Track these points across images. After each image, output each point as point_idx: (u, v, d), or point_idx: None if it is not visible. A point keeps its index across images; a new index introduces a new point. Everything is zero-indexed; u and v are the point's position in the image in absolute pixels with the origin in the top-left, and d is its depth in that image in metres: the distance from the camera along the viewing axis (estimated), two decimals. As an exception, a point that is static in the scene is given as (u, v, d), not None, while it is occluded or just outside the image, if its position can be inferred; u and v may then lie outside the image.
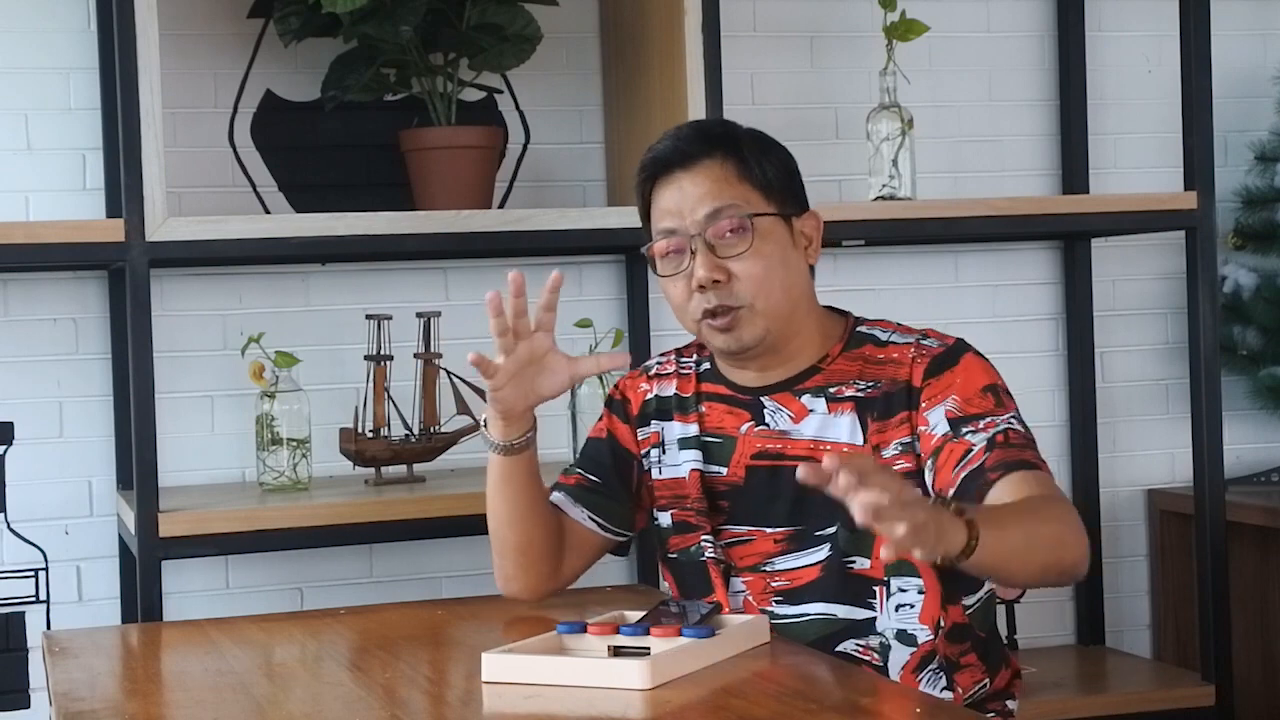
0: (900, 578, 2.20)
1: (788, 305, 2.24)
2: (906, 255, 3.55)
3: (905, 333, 2.28)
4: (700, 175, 2.24)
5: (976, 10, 3.61)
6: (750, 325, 2.23)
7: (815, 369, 2.28)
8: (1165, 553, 3.65)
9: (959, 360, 2.21)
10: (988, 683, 2.27)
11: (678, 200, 2.25)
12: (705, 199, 2.23)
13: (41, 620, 3.14)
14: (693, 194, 2.24)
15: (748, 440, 2.29)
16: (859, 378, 2.25)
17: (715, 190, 2.23)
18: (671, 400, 2.38)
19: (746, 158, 2.26)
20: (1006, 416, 2.15)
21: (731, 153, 2.26)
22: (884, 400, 2.22)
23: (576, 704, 1.82)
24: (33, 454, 3.15)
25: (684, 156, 2.26)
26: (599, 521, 2.41)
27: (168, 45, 2.87)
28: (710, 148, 2.26)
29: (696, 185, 2.24)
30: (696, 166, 2.25)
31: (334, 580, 3.26)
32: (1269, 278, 3.59)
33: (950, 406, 2.16)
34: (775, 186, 2.26)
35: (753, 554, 2.27)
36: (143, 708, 1.92)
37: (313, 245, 2.87)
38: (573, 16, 3.33)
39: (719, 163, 2.25)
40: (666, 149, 2.28)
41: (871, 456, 2.03)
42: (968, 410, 2.16)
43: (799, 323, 2.27)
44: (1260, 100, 3.70)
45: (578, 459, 2.49)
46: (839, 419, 2.24)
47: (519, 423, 2.30)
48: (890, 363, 2.24)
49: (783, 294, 2.24)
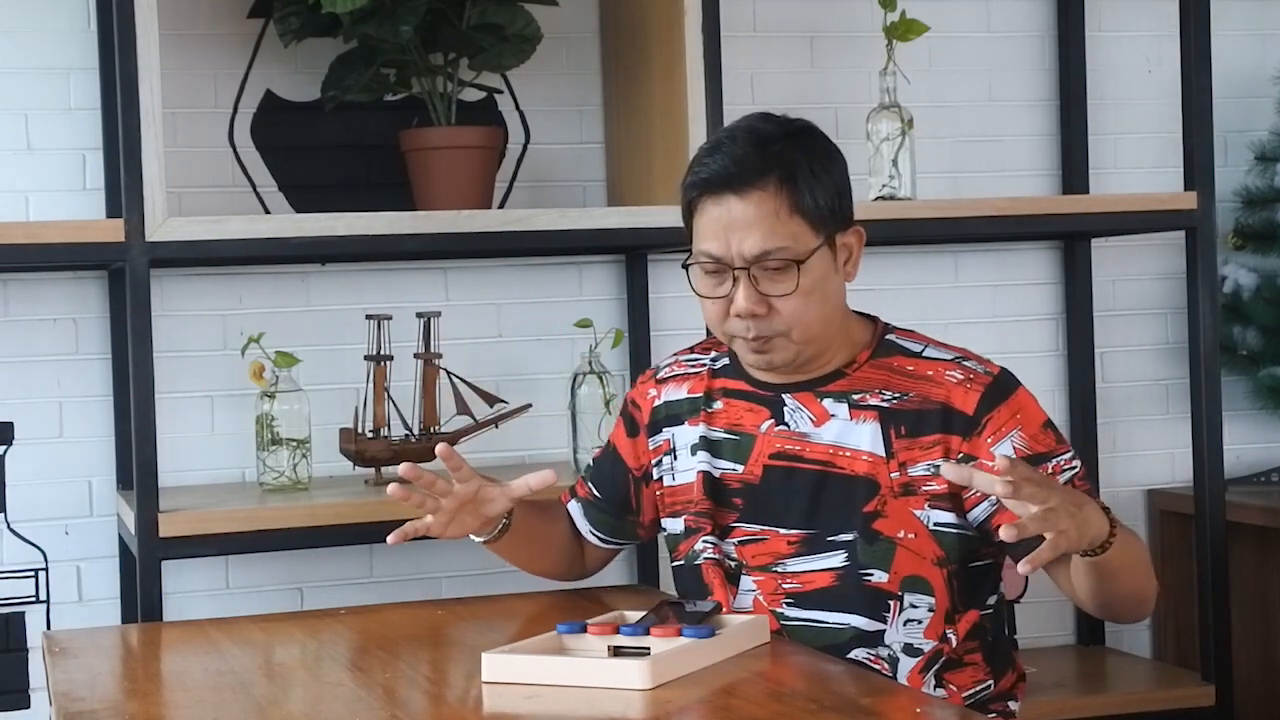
0: (914, 594, 2.20)
1: (822, 331, 2.24)
2: (906, 255, 3.54)
3: (941, 348, 2.28)
4: (752, 204, 2.17)
5: (976, 10, 3.61)
6: (783, 350, 2.23)
7: (840, 373, 2.27)
8: (1165, 553, 3.65)
9: (1014, 393, 2.22)
10: (991, 684, 2.27)
11: (726, 225, 2.18)
12: (754, 235, 2.17)
13: (41, 620, 3.14)
14: (741, 222, 2.17)
15: (767, 439, 2.29)
16: (885, 387, 2.24)
17: (766, 228, 2.17)
18: (683, 404, 2.38)
19: (800, 185, 2.18)
20: (1068, 458, 2.21)
21: (786, 180, 2.18)
22: (915, 416, 2.21)
23: (576, 704, 1.82)
24: (33, 454, 3.15)
25: (737, 180, 2.18)
26: (600, 536, 2.50)
27: (168, 45, 2.87)
28: (765, 172, 2.18)
29: (747, 214, 2.17)
30: (749, 192, 2.17)
31: (334, 580, 3.26)
32: (1269, 278, 3.59)
33: (1019, 444, 2.18)
34: (825, 211, 2.20)
35: (765, 553, 2.27)
36: (143, 708, 1.92)
37: (313, 245, 2.87)
38: (573, 16, 3.33)
39: (773, 194, 2.17)
40: (721, 168, 2.20)
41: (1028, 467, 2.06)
42: (1035, 449, 2.19)
43: (830, 338, 2.27)
44: (1260, 100, 3.70)
45: (593, 464, 2.55)
46: (861, 426, 2.23)
47: (486, 527, 2.37)
48: (923, 379, 2.23)
49: (820, 324, 2.23)
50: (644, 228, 2.98)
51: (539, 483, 2.30)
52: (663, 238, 2.91)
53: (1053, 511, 1.92)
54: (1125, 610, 2.21)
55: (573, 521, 2.52)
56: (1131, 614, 2.23)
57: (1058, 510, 1.92)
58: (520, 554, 2.47)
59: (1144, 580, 2.16)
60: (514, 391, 3.24)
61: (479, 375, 3.20)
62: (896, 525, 2.20)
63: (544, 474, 2.30)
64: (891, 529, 2.20)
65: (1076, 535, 1.95)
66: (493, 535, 2.36)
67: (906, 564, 2.19)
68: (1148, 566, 2.17)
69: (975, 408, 2.19)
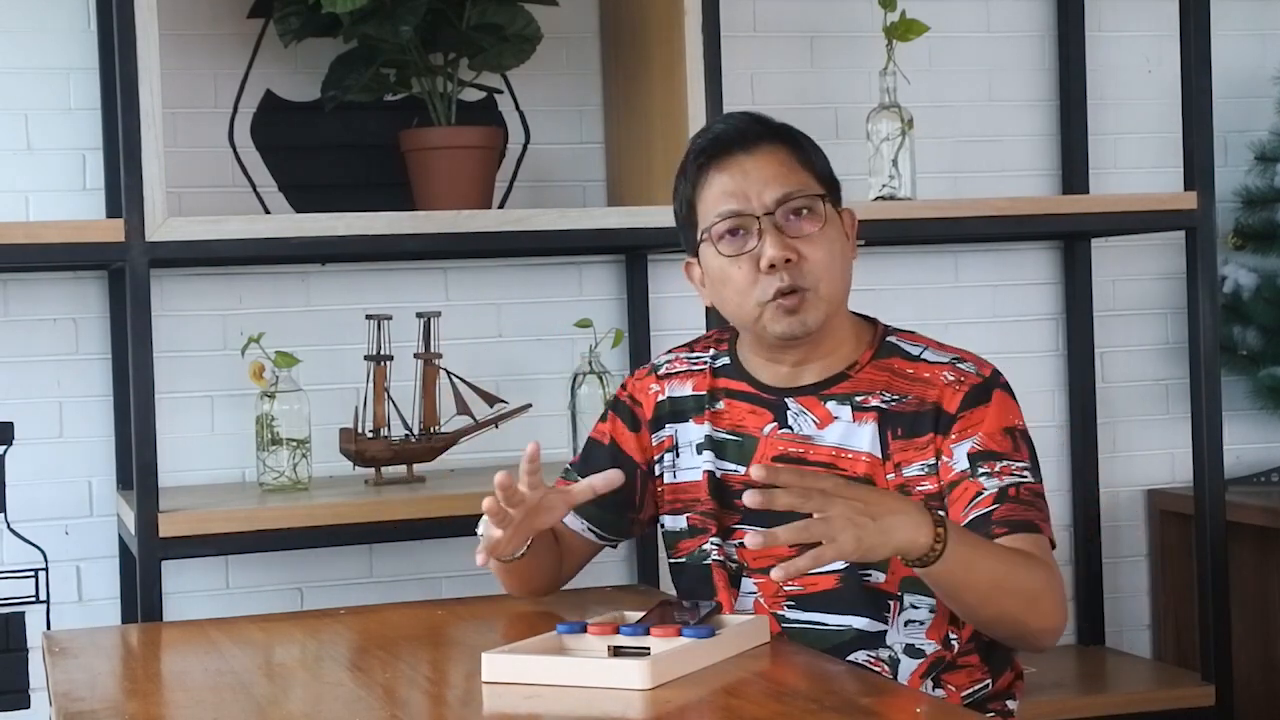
0: (913, 594, 2.19)
1: (842, 293, 2.25)
2: (906, 255, 3.55)
3: (939, 350, 2.27)
4: (763, 159, 2.22)
5: (976, 10, 3.61)
6: (815, 309, 2.21)
7: (844, 375, 2.27)
8: (1165, 553, 3.65)
9: (992, 395, 2.21)
10: (989, 684, 2.27)
11: (740, 183, 2.21)
12: (773, 181, 2.21)
13: (41, 620, 3.14)
14: (758, 176, 2.21)
15: (770, 442, 2.28)
16: (886, 389, 2.24)
17: (782, 174, 2.21)
18: (688, 401, 2.36)
19: (803, 145, 2.26)
20: (1020, 466, 2.16)
21: (787, 140, 2.25)
22: (911, 418, 2.21)
23: (576, 704, 1.82)
24: (33, 454, 3.15)
25: (745, 138, 2.23)
26: (596, 532, 2.42)
27: (168, 45, 2.87)
28: (769, 134, 2.25)
29: (761, 168, 2.21)
30: (758, 150, 2.23)
31: (334, 580, 3.26)
32: (1269, 278, 3.59)
33: (975, 444, 2.17)
34: (826, 176, 2.27)
35: (767, 556, 2.25)
36: (143, 708, 1.92)
37: (313, 245, 2.87)
38: (573, 16, 3.33)
39: (780, 148, 2.24)
40: (725, 131, 2.25)
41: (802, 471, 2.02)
42: (987, 446, 2.16)
43: (843, 316, 2.27)
44: (1260, 100, 3.70)
45: (579, 462, 2.46)
46: (861, 428, 2.23)
47: (518, 542, 2.27)
48: (920, 381, 2.23)
49: (842, 281, 2.24)
50: (644, 228, 2.98)
51: (604, 484, 2.23)
52: (663, 238, 2.91)
53: (826, 520, 1.89)
54: (1002, 634, 2.13)
55: (558, 550, 2.40)
56: (1013, 639, 2.15)
57: (833, 520, 1.89)
58: (523, 573, 2.37)
59: (1014, 606, 2.04)
60: (514, 391, 3.24)
61: (479, 375, 3.20)
62: None
63: (611, 474, 2.23)
64: None
65: (854, 546, 1.89)
66: (519, 552, 2.28)
67: (905, 564, 2.18)
68: (1031, 596, 2.04)
69: (957, 407, 2.19)
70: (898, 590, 2.19)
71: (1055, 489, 3.63)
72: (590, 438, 2.46)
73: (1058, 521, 3.63)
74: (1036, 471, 2.19)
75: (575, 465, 2.46)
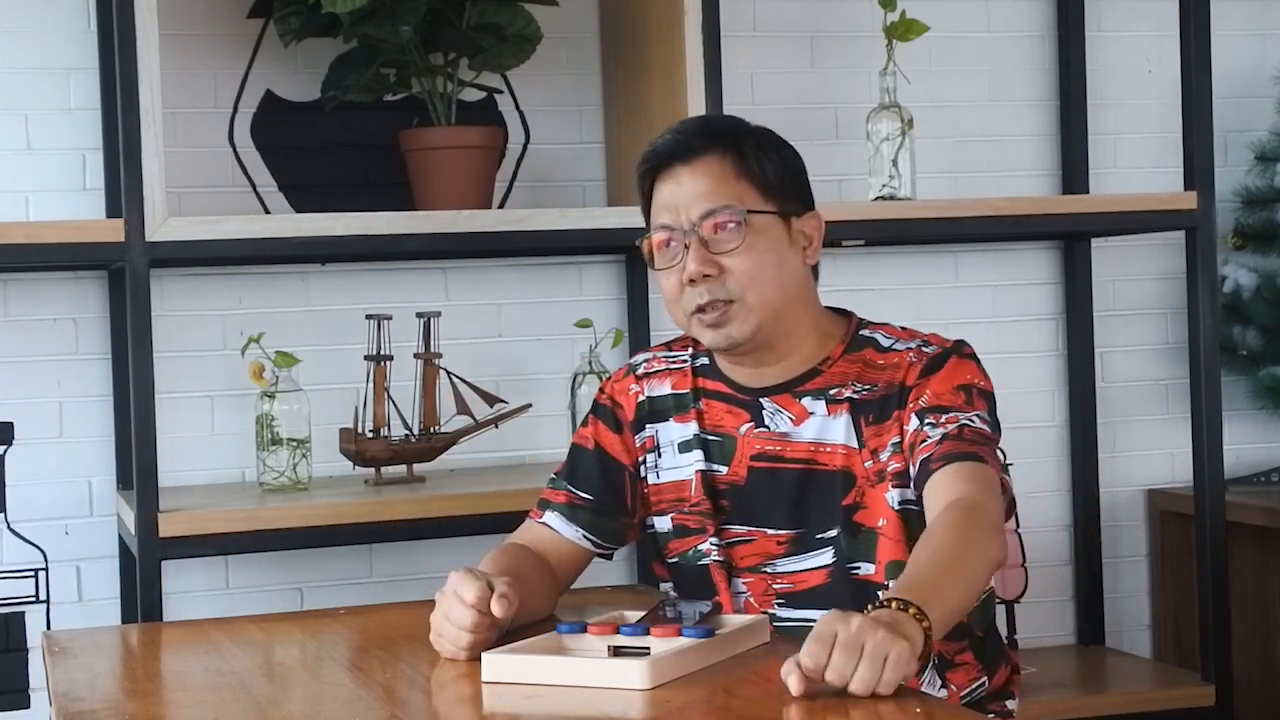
0: None
1: (780, 301, 2.23)
2: (906, 255, 3.55)
3: (907, 338, 2.28)
4: (699, 171, 2.23)
5: (976, 10, 3.61)
6: (741, 321, 2.21)
7: (816, 371, 2.27)
8: (1165, 553, 3.65)
9: (946, 362, 2.21)
10: (986, 681, 2.27)
11: (674, 196, 2.24)
12: (701, 198, 2.22)
13: (41, 620, 3.14)
14: (690, 191, 2.23)
15: (748, 441, 2.28)
16: (857, 380, 2.25)
17: (712, 188, 2.22)
18: (667, 400, 2.36)
19: (747, 154, 2.25)
20: (971, 414, 2.15)
21: (731, 148, 2.24)
22: (880, 403, 2.21)
23: (576, 704, 1.82)
24: (33, 454, 3.15)
25: (685, 150, 2.25)
26: (592, 540, 2.37)
27: (168, 45, 2.87)
28: (711, 142, 2.25)
29: (695, 182, 2.23)
30: (696, 161, 2.24)
31: (334, 580, 3.26)
32: (1269, 278, 3.59)
33: (923, 402, 2.17)
34: (775, 185, 2.25)
35: (754, 554, 2.27)
36: (143, 708, 1.92)
37: (313, 245, 2.87)
38: (573, 16, 3.33)
39: (718, 159, 2.24)
40: (667, 143, 2.27)
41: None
42: (936, 402, 2.16)
43: (793, 321, 2.26)
44: (1260, 100, 3.70)
45: (564, 471, 2.39)
46: (835, 420, 2.24)
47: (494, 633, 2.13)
48: (890, 368, 2.23)
49: (776, 291, 2.22)
50: (644, 228, 2.97)
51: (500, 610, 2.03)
52: (663, 238, 2.91)
53: (852, 677, 1.76)
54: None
55: (550, 577, 2.31)
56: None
57: (857, 675, 1.76)
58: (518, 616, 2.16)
59: (985, 581, 2.02)
60: (514, 391, 3.24)
61: (479, 375, 3.20)
62: (875, 515, 2.20)
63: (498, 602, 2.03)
64: (871, 519, 2.20)
65: (872, 678, 1.76)
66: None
67: (888, 551, 2.18)
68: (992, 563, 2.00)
69: (915, 379, 2.20)
70: (885, 580, 2.19)
71: (1055, 489, 3.63)
72: (574, 444, 2.42)
73: (1058, 521, 3.64)
74: (994, 426, 2.17)
75: (561, 474, 2.40)
